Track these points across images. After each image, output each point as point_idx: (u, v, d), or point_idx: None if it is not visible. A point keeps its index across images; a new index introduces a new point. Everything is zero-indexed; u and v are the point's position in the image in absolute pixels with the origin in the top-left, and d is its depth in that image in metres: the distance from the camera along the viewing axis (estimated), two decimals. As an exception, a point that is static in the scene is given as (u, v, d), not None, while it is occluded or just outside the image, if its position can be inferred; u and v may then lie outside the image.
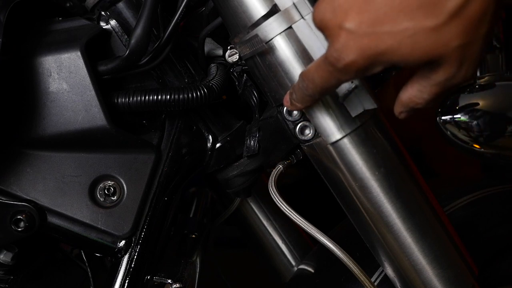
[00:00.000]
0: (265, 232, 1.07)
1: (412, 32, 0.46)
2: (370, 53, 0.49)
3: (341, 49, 0.50)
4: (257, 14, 0.65)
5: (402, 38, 0.47)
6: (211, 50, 0.81)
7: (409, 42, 0.47)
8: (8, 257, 0.78)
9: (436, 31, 0.46)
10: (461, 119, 0.89)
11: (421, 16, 0.46)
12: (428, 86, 0.52)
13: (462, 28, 0.46)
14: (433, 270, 0.72)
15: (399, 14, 0.46)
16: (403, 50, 0.47)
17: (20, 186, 0.75)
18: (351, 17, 0.48)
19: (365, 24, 0.48)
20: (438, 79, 0.51)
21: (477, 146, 0.94)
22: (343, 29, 0.49)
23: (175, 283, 0.83)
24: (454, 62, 0.49)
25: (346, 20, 0.48)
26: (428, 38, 0.47)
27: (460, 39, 0.47)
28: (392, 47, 0.48)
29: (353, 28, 0.48)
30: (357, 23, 0.48)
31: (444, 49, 0.47)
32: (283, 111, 0.71)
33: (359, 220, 0.73)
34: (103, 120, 0.71)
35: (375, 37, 0.48)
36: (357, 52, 0.49)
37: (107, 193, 0.76)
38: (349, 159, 0.68)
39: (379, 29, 0.47)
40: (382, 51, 0.48)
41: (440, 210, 0.73)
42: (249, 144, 0.77)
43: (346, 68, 0.51)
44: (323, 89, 0.57)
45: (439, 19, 0.46)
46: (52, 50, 0.71)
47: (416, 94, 0.54)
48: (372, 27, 0.47)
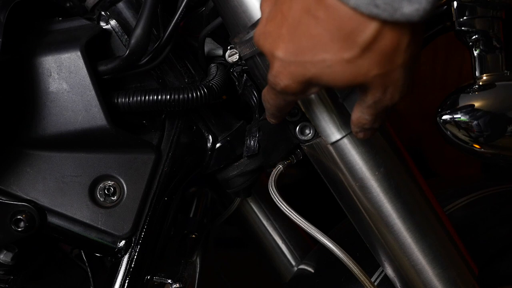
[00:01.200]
0: (265, 232, 1.07)
1: (330, 63, 0.49)
2: (299, 79, 0.51)
3: (276, 74, 0.53)
4: (257, 14, 0.65)
5: (322, 68, 0.49)
6: (211, 50, 0.81)
7: (329, 71, 0.49)
8: (8, 257, 0.78)
9: (352, 62, 0.48)
10: (461, 119, 0.89)
11: (335, 49, 0.48)
12: (365, 108, 0.55)
13: (376, 60, 0.48)
14: (433, 270, 0.72)
15: (315, 46, 0.49)
16: (326, 78, 0.50)
17: (20, 186, 0.75)
18: (279, 46, 0.51)
19: (290, 53, 0.50)
20: (368, 102, 0.53)
21: (477, 146, 0.94)
22: (274, 57, 0.52)
23: (175, 283, 0.83)
24: (377, 88, 0.51)
25: (275, 48, 0.51)
26: (345, 69, 0.49)
27: (377, 69, 0.49)
28: (315, 75, 0.50)
29: (281, 57, 0.51)
30: (284, 52, 0.51)
31: (363, 78, 0.49)
32: (283, 111, 0.71)
33: (359, 220, 0.73)
34: (103, 120, 0.71)
35: (300, 65, 0.50)
36: (288, 78, 0.52)
37: (107, 193, 0.76)
38: (349, 159, 0.68)
39: (302, 59, 0.50)
40: (308, 77, 0.51)
41: (440, 210, 0.73)
42: (249, 144, 0.77)
43: (284, 91, 0.54)
44: (277, 108, 0.60)
45: (353, 52, 0.48)
46: (52, 50, 0.71)
47: (360, 116, 0.56)
48: (296, 56, 0.50)
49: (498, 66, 0.90)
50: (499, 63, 0.90)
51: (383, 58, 0.48)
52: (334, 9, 0.47)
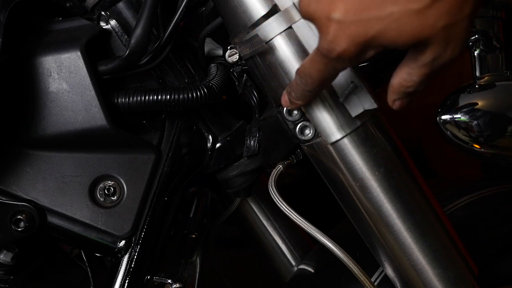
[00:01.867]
0: (265, 232, 1.07)
1: (397, 16, 0.47)
2: (360, 40, 0.49)
3: (332, 39, 0.50)
4: (257, 14, 0.65)
5: (388, 23, 0.48)
6: (211, 50, 0.81)
7: (396, 26, 0.48)
8: (8, 257, 0.78)
9: (420, 13, 0.47)
10: (461, 119, 0.89)
11: (405, 0, 0.47)
12: (416, 67, 0.53)
13: (446, 9, 0.47)
14: (433, 270, 0.72)
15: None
16: (391, 34, 0.48)
17: (20, 186, 0.75)
18: (337, 6, 0.49)
19: (351, 12, 0.49)
20: (425, 60, 0.52)
21: (477, 146, 0.94)
22: (330, 20, 0.50)
23: (175, 283, 0.83)
24: (440, 42, 0.50)
25: (332, 10, 0.49)
26: (413, 21, 0.47)
27: (445, 20, 0.48)
28: (380, 32, 0.48)
29: (340, 18, 0.49)
30: (343, 12, 0.49)
31: (430, 30, 0.48)
32: (283, 111, 0.71)
33: (359, 220, 0.73)
34: (103, 120, 0.71)
35: (362, 24, 0.48)
36: (347, 41, 0.50)
37: (107, 193, 0.76)
38: (349, 159, 0.68)
39: (366, 16, 0.48)
40: (371, 36, 0.49)
41: (440, 210, 0.73)
42: (249, 144, 0.77)
43: (340, 57, 0.52)
44: (321, 81, 0.57)
45: (423, 2, 0.47)
46: (52, 50, 0.71)
47: (406, 78, 0.54)
48: (359, 14, 0.48)
49: (498, 66, 0.90)
50: (499, 63, 0.90)
51: (453, 7, 0.47)
52: None
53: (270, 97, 0.71)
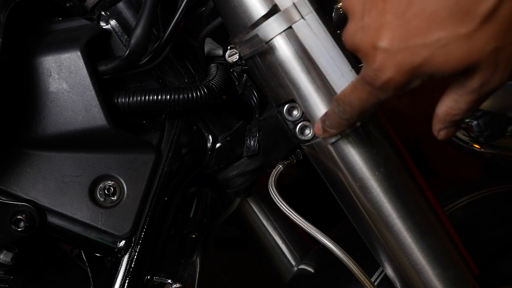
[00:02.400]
0: (265, 232, 1.07)
1: (445, 41, 0.46)
2: (406, 68, 0.49)
3: (378, 67, 0.50)
4: (257, 14, 0.65)
5: (435, 49, 0.47)
6: (211, 50, 0.81)
7: (443, 52, 0.47)
8: (8, 257, 0.78)
9: (468, 37, 0.46)
10: (461, 119, 0.89)
11: (452, 25, 0.46)
12: (464, 94, 0.51)
13: (495, 31, 0.46)
14: (433, 270, 0.72)
15: (430, 25, 0.46)
16: (438, 60, 0.48)
17: (20, 186, 0.75)
18: (383, 35, 0.48)
19: (398, 40, 0.48)
20: (473, 85, 0.50)
21: (477, 146, 0.94)
22: (377, 48, 0.49)
23: (175, 283, 0.83)
24: (488, 67, 0.49)
25: (378, 39, 0.49)
26: (461, 46, 0.47)
27: (494, 42, 0.47)
28: (426, 60, 0.48)
29: (386, 46, 0.49)
30: (389, 41, 0.48)
31: (479, 55, 0.47)
32: (283, 111, 0.71)
33: (359, 220, 0.73)
34: (103, 120, 0.71)
35: (409, 51, 0.48)
36: (394, 69, 0.49)
37: (107, 193, 0.76)
38: (349, 159, 0.68)
39: (412, 43, 0.47)
40: (417, 64, 0.48)
41: (440, 210, 0.73)
42: (249, 144, 0.77)
43: (385, 86, 0.51)
44: (361, 110, 0.57)
45: (471, 25, 0.46)
46: (52, 50, 0.71)
47: (452, 105, 0.53)
48: (405, 41, 0.48)
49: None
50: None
51: (502, 29, 0.46)
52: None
53: (270, 97, 0.71)
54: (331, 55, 0.64)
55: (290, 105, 0.69)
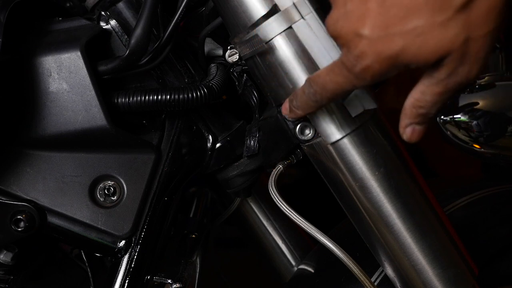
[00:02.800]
0: (265, 232, 1.07)
1: (420, 30, 0.47)
2: (385, 56, 0.50)
3: (359, 54, 0.51)
4: (257, 14, 0.65)
5: (412, 38, 0.48)
6: (211, 50, 0.81)
7: (418, 41, 0.48)
8: (8, 257, 0.78)
9: (442, 26, 0.47)
10: (461, 119, 0.89)
11: (428, 13, 0.47)
12: (431, 85, 0.52)
13: (468, 21, 0.47)
14: (433, 270, 0.72)
15: (408, 13, 0.47)
16: (413, 49, 0.48)
17: (20, 186, 0.75)
18: (365, 22, 0.49)
19: (378, 28, 0.49)
20: (441, 76, 0.51)
21: (477, 146, 0.94)
22: (359, 36, 0.50)
23: (175, 283, 0.83)
24: (457, 58, 0.49)
25: (361, 26, 0.49)
26: (435, 35, 0.47)
27: (465, 32, 0.47)
28: (403, 48, 0.49)
29: (368, 34, 0.49)
30: (371, 28, 0.49)
31: (450, 44, 0.48)
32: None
33: (359, 220, 0.73)
34: (103, 120, 0.71)
35: (387, 39, 0.49)
36: (373, 57, 0.50)
37: (107, 193, 0.76)
38: (349, 159, 0.68)
39: (391, 31, 0.48)
40: (395, 53, 0.49)
41: (440, 210, 0.73)
42: (249, 144, 0.77)
43: (363, 73, 0.52)
44: (333, 94, 0.57)
45: (446, 14, 0.46)
46: (52, 50, 0.71)
47: (419, 97, 0.54)
48: (385, 30, 0.48)
49: (498, 66, 0.90)
50: (499, 63, 0.90)
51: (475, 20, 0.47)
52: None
53: (270, 97, 0.71)
54: (331, 55, 0.63)
55: (290, 105, 0.69)
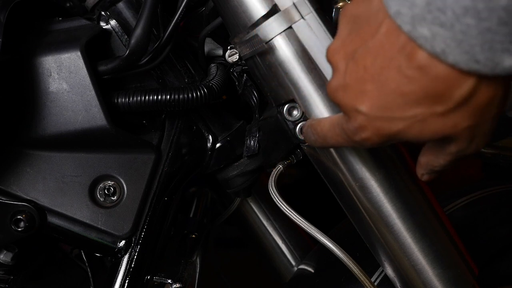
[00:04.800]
0: (265, 232, 1.07)
1: (421, 117, 0.48)
2: (384, 134, 0.50)
3: (358, 127, 0.51)
4: (257, 14, 0.65)
5: (411, 123, 0.48)
6: (211, 50, 0.81)
7: (419, 125, 0.48)
8: (8, 257, 0.78)
9: (444, 115, 0.47)
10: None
11: (428, 104, 0.47)
12: (442, 155, 0.54)
13: (469, 113, 0.47)
14: (433, 270, 0.72)
15: (406, 102, 0.47)
16: (414, 132, 0.49)
17: (20, 186, 0.75)
18: (363, 101, 0.49)
19: (376, 109, 0.49)
20: (450, 150, 0.52)
21: (477, 146, 0.94)
22: (357, 111, 0.50)
23: (175, 283, 0.83)
24: (464, 140, 0.50)
25: (359, 103, 0.50)
26: (436, 122, 0.48)
27: (468, 121, 0.48)
28: (403, 129, 0.49)
29: (366, 111, 0.50)
30: (369, 108, 0.49)
31: (453, 130, 0.48)
32: (283, 111, 0.71)
33: (359, 220, 0.73)
34: (103, 120, 0.71)
35: (386, 121, 0.49)
36: (372, 132, 0.51)
37: (107, 193, 0.76)
38: (349, 159, 0.68)
39: (390, 114, 0.49)
40: (394, 132, 0.50)
41: (440, 210, 0.73)
42: (249, 144, 0.77)
43: (362, 142, 0.53)
44: (332, 146, 0.59)
45: (446, 106, 0.46)
46: (52, 50, 0.71)
47: (433, 159, 0.55)
48: (383, 112, 0.49)
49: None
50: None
51: (477, 112, 0.47)
52: (428, 68, 0.45)
53: (270, 97, 0.71)
54: (331, 55, 0.63)
55: (290, 105, 0.69)
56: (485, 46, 0.42)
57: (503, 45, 0.42)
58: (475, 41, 0.42)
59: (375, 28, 0.48)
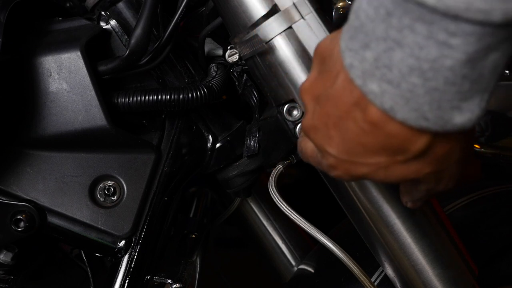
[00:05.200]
0: (265, 232, 1.07)
1: (383, 165, 0.48)
2: (353, 174, 0.51)
3: (329, 165, 0.52)
4: (257, 14, 0.65)
5: (375, 169, 0.49)
6: (211, 50, 0.81)
7: (383, 171, 0.49)
8: (8, 257, 0.78)
9: (405, 163, 0.48)
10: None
11: (388, 154, 0.47)
12: (415, 191, 0.57)
13: (429, 162, 0.47)
14: (433, 270, 0.72)
15: (367, 151, 0.48)
16: (380, 176, 0.50)
17: (20, 186, 0.75)
18: (330, 144, 0.50)
19: (342, 153, 0.50)
20: (421, 189, 0.55)
21: (477, 146, 0.94)
22: (327, 152, 0.51)
23: (175, 283, 0.83)
24: (430, 181, 0.52)
25: (327, 145, 0.50)
26: (399, 168, 0.48)
27: (430, 168, 0.48)
28: (370, 173, 0.50)
29: (334, 154, 0.50)
30: (335, 151, 0.50)
31: (416, 175, 0.49)
32: (283, 111, 0.71)
33: (359, 220, 0.73)
34: (103, 120, 0.71)
35: (353, 164, 0.50)
36: (342, 171, 0.52)
37: (107, 193, 0.76)
38: (349, 159, 0.68)
39: (355, 159, 0.49)
40: (362, 175, 0.51)
41: (440, 210, 0.73)
42: (249, 144, 0.77)
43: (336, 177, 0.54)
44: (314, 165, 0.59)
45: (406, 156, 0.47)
46: (52, 50, 0.71)
47: (409, 191, 0.58)
48: (348, 156, 0.49)
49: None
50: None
51: (436, 161, 0.48)
52: (380, 124, 0.45)
53: (270, 97, 0.71)
54: (331, 55, 0.63)
55: (290, 105, 0.69)
56: (433, 104, 0.41)
57: (452, 103, 0.41)
58: (422, 99, 0.41)
59: (334, 75, 0.47)
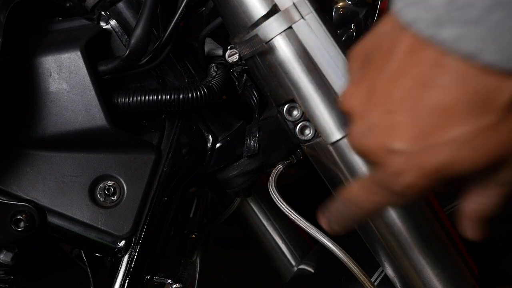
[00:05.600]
0: (265, 232, 1.07)
1: (467, 138, 0.40)
2: (429, 170, 0.42)
3: (396, 172, 0.43)
4: (257, 14, 0.65)
5: (458, 147, 0.41)
6: (211, 50, 0.81)
7: (468, 149, 0.41)
8: (8, 257, 0.78)
9: (493, 130, 0.40)
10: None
11: (471, 119, 0.40)
12: (494, 187, 0.46)
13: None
14: (433, 270, 0.72)
15: (449, 121, 0.40)
16: (464, 159, 0.41)
17: (20, 186, 0.75)
18: (395, 136, 0.42)
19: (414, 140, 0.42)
20: (506, 178, 0.44)
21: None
22: (392, 151, 0.43)
23: (175, 283, 0.83)
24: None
25: (390, 141, 0.42)
26: (487, 139, 0.40)
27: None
28: (451, 159, 0.41)
29: (401, 147, 0.42)
30: (406, 141, 0.42)
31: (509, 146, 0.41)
32: (283, 111, 0.71)
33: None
34: (103, 120, 0.71)
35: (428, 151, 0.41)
36: (414, 173, 0.43)
37: (107, 193, 0.76)
38: (349, 159, 0.68)
39: (430, 142, 0.41)
40: (441, 164, 0.42)
41: (440, 210, 0.73)
42: (249, 144, 0.77)
43: (405, 191, 0.44)
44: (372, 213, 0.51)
45: (493, 116, 0.40)
46: (52, 50, 0.71)
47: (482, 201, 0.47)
48: (422, 141, 0.41)
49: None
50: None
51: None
52: (460, 71, 0.39)
53: (270, 97, 0.71)
54: (331, 55, 0.64)
55: (290, 105, 0.69)
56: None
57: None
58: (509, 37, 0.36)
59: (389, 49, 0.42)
